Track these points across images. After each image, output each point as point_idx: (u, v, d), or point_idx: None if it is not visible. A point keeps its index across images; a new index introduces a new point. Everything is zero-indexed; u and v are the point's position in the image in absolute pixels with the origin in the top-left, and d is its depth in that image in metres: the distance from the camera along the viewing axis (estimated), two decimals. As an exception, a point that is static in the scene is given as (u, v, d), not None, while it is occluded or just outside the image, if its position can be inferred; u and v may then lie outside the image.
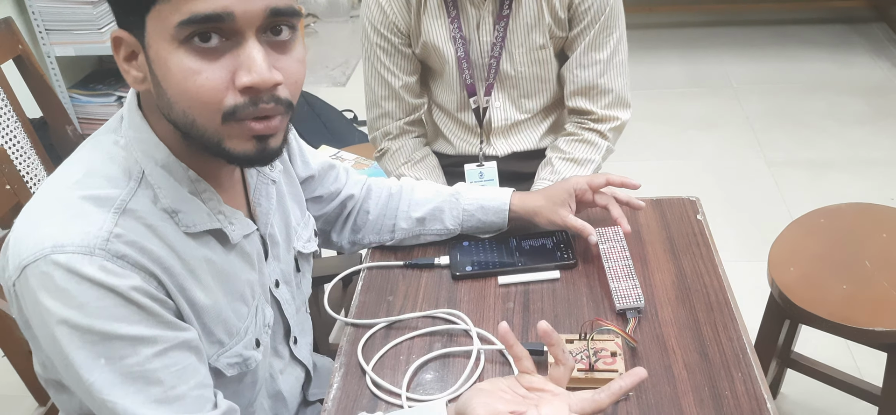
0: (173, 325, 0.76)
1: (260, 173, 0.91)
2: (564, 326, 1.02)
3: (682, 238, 1.17)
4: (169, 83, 0.70)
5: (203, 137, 0.72)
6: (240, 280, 0.86)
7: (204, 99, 0.69)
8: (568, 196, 1.16)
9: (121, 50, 0.73)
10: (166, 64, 0.69)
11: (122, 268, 0.71)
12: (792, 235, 1.59)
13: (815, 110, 3.12)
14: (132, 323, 0.72)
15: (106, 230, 0.72)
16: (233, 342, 0.85)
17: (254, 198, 0.91)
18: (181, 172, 0.78)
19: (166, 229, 0.77)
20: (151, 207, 0.76)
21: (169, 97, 0.71)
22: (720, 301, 1.04)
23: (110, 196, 0.74)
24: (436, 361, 0.98)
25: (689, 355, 0.96)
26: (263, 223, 0.91)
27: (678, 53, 3.68)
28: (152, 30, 0.69)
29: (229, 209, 0.83)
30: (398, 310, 1.07)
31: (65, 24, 2.63)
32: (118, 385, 0.72)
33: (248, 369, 0.87)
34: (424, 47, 1.44)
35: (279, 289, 0.96)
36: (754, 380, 0.92)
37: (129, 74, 0.74)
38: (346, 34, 4.15)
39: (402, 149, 1.52)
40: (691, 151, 2.90)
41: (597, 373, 0.91)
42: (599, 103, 1.46)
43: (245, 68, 0.69)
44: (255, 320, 0.89)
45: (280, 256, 0.96)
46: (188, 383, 0.76)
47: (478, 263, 1.13)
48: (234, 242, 0.84)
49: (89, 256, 0.70)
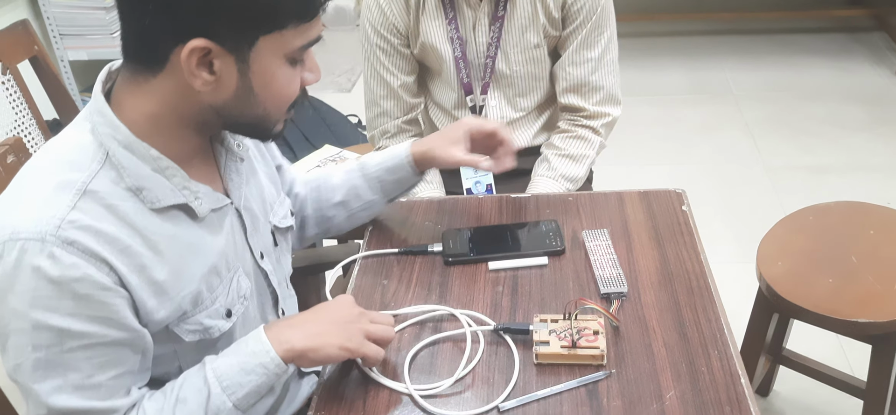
0: (110, 322, 0.81)
1: (228, 151, 0.97)
2: (551, 307, 1.07)
3: (667, 228, 1.21)
4: (269, 89, 0.84)
5: (263, 123, 0.88)
6: (211, 252, 0.91)
7: (290, 98, 0.88)
8: (463, 135, 1.20)
9: (193, 58, 0.78)
10: (273, 76, 0.84)
11: (69, 255, 0.77)
12: (781, 232, 1.62)
13: (814, 117, 3.16)
14: (65, 315, 0.78)
15: (60, 215, 0.78)
16: (196, 311, 0.90)
17: (225, 174, 0.97)
18: (143, 151, 0.84)
19: (128, 208, 0.83)
20: (113, 188, 0.82)
21: (257, 99, 0.84)
22: (701, 286, 1.08)
23: (71, 180, 0.80)
24: (432, 345, 1.03)
25: (668, 334, 1.00)
26: (236, 196, 0.97)
27: (680, 61, 3.73)
28: (265, 48, 0.81)
29: (195, 184, 0.89)
30: (392, 294, 1.12)
31: (78, 28, 2.71)
32: (39, 369, 0.79)
33: (209, 336, 0.92)
34: (422, 48, 1.49)
35: (264, 260, 1.02)
36: (730, 358, 0.96)
37: (199, 78, 0.80)
38: (351, 42, 4.19)
39: (400, 147, 1.57)
40: (691, 157, 2.95)
41: (579, 350, 0.96)
42: (591, 100, 1.51)
43: (310, 70, 0.89)
44: (227, 290, 0.94)
45: (259, 228, 1.02)
46: (108, 373, 0.83)
47: (468, 249, 1.18)
48: (201, 216, 0.89)
49: (40, 243, 0.76)
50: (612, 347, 0.99)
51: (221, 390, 0.87)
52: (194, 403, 0.86)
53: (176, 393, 0.87)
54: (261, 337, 0.90)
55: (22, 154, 1.19)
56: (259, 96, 0.84)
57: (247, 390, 0.88)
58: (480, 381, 0.96)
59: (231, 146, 0.98)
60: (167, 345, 0.90)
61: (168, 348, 0.90)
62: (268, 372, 0.89)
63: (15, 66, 1.78)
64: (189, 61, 0.78)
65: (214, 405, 0.86)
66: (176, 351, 0.91)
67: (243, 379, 0.88)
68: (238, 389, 0.87)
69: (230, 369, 0.88)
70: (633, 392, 0.92)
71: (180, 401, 0.86)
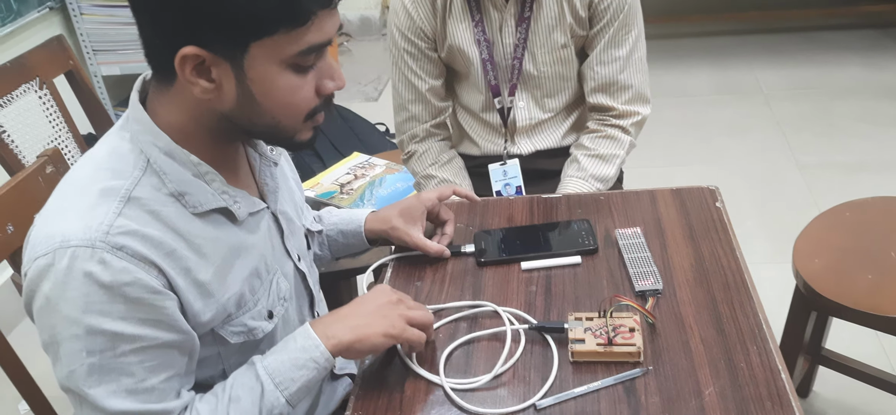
0: (160, 325, 0.82)
1: (262, 157, 0.99)
2: (585, 306, 1.06)
3: (701, 225, 1.20)
4: (270, 97, 0.82)
5: (278, 134, 0.86)
6: (252, 255, 0.93)
7: (301, 108, 0.84)
8: (420, 215, 1.20)
9: (187, 66, 0.78)
10: (272, 83, 0.81)
11: (120, 260, 0.78)
12: (817, 229, 1.60)
13: (847, 114, 3.11)
14: (117, 319, 0.79)
15: (107, 222, 0.79)
16: (240, 313, 0.92)
17: (260, 179, 0.98)
18: (184, 157, 0.85)
19: (171, 212, 0.84)
20: (156, 194, 0.83)
21: (261, 107, 0.82)
22: (737, 282, 1.07)
23: (115, 187, 0.81)
24: (468, 344, 1.02)
25: (705, 330, 0.99)
26: (272, 200, 0.98)
27: (708, 61, 3.70)
28: (259, 55, 0.78)
29: (234, 189, 0.90)
30: (426, 294, 1.12)
31: (111, 44, 2.76)
32: (94, 374, 0.80)
33: (254, 338, 0.94)
34: (450, 51, 1.50)
35: (301, 263, 1.04)
36: (769, 353, 0.94)
37: (198, 86, 0.80)
38: (378, 51, 4.25)
39: (429, 151, 1.58)
40: (722, 156, 2.91)
41: (615, 347, 0.95)
42: (620, 99, 1.50)
43: (329, 77, 0.86)
44: (268, 292, 0.95)
45: (295, 232, 1.03)
46: (159, 376, 0.83)
47: (501, 250, 1.18)
48: (240, 219, 0.91)
49: (90, 249, 0.77)
50: (649, 344, 0.98)
51: (274, 386, 0.88)
52: (248, 400, 0.87)
53: (228, 393, 0.88)
54: (309, 333, 0.91)
55: (60, 165, 1.22)
56: (262, 104, 0.82)
57: (299, 386, 0.89)
58: (516, 378, 0.96)
59: (264, 151, 0.99)
60: (212, 347, 0.91)
61: (213, 351, 0.92)
62: (318, 367, 0.90)
63: (51, 81, 1.82)
64: (183, 69, 0.79)
65: (268, 402, 0.87)
66: (220, 354, 0.93)
67: (296, 374, 0.89)
68: (290, 384, 0.89)
69: (281, 365, 0.89)
70: (671, 389, 0.91)
71: (233, 400, 0.87)
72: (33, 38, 1.84)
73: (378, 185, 1.86)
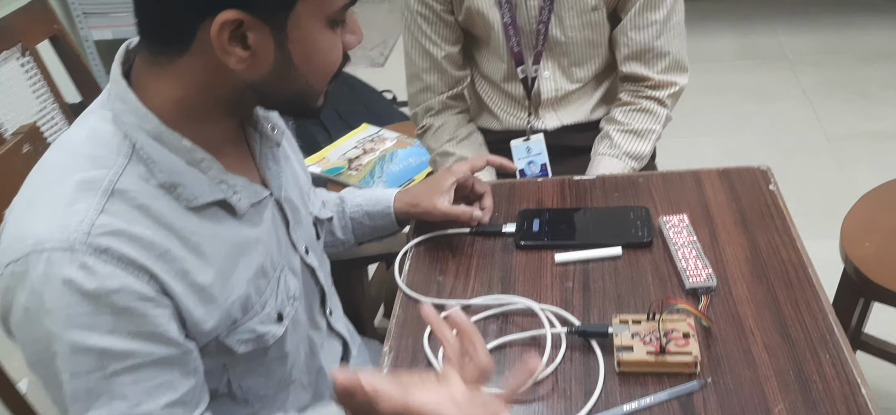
0: (155, 338, 0.71)
1: (263, 137, 0.87)
2: (628, 305, 0.94)
3: (754, 211, 1.08)
4: (309, 59, 0.74)
5: (303, 97, 0.78)
6: (257, 251, 0.81)
7: (334, 67, 0.78)
8: (448, 187, 1.08)
9: (223, 33, 0.68)
10: (314, 43, 0.74)
11: (104, 265, 0.67)
12: (864, 209, 1.48)
13: (875, 80, 2.96)
14: (105, 333, 0.68)
15: (88, 221, 0.67)
16: (246, 318, 0.80)
17: (261, 162, 0.86)
18: (176, 142, 0.73)
19: (162, 207, 0.72)
20: (143, 185, 0.72)
21: (297, 71, 0.74)
22: (801, 278, 0.95)
23: (96, 179, 0.70)
24: (506, 347, 0.91)
25: (769, 335, 0.87)
26: (276, 186, 0.87)
27: (729, 24, 3.54)
28: (306, 12, 0.71)
29: (232, 177, 0.78)
30: (450, 290, 1.00)
31: (102, 6, 2.62)
32: (80, 400, 0.69)
33: (264, 345, 0.83)
34: (468, 13, 1.36)
35: (309, 256, 0.92)
36: (845, 362, 0.83)
37: (232, 55, 0.70)
38: (383, 14, 4.09)
39: (446, 125, 1.45)
40: (746, 125, 2.78)
41: (669, 356, 0.83)
42: (656, 68, 1.37)
43: (352, 32, 0.78)
44: (275, 292, 0.84)
45: (302, 221, 0.92)
46: (158, 400, 0.72)
47: (544, 233, 1.07)
48: (241, 212, 0.79)
49: (69, 253, 0.66)
50: (705, 351, 0.86)
51: None
52: None
53: None
54: None
55: (39, 143, 1.10)
56: (299, 68, 0.74)
57: None
58: (556, 391, 0.84)
59: (266, 130, 0.87)
60: (216, 358, 0.80)
61: (217, 363, 0.81)
62: None
63: (35, 48, 1.69)
64: (221, 37, 0.68)
65: None
66: (225, 365, 0.82)
67: None
68: None
69: None
70: (735, 405, 0.80)
71: None
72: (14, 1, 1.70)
73: (389, 160, 1.74)
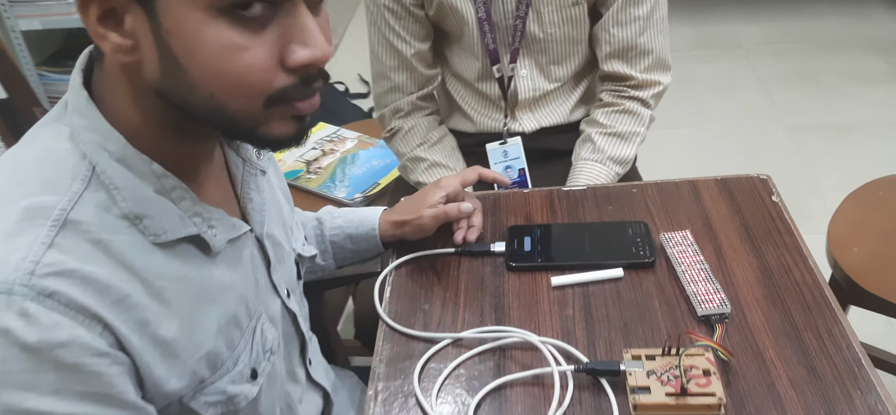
0: (107, 400, 0.59)
1: (246, 163, 0.75)
2: (636, 336, 0.86)
3: (759, 224, 1.00)
4: (197, 61, 0.56)
5: (231, 124, 0.60)
6: (229, 297, 0.69)
7: (250, 82, 0.57)
8: (437, 202, 0.99)
9: (91, 9, 0.55)
10: (197, 37, 0.55)
11: (49, 312, 0.55)
12: (850, 211, 1.43)
13: (833, 70, 2.97)
14: (46, 394, 0.56)
15: (32, 258, 0.55)
16: (215, 377, 0.69)
17: (242, 192, 0.74)
18: (143, 167, 0.62)
19: (123, 243, 0.60)
20: (103, 216, 0.60)
21: (192, 78, 0.57)
22: (818, 300, 0.88)
23: (45, 206, 0.58)
24: (506, 388, 0.81)
25: (792, 369, 0.80)
26: (258, 221, 0.75)
27: (685, 14, 3.51)
28: None
29: (208, 209, 0.67)
30: (437, 322, 0.90)
31: (29, -6, 2.41)
32: None
33: (234, 408, 0.71)
34: (439, 8, 1.25)
35: (290, 299, 0.81)
36: (879, 400, 0.76)
37: (107, 41, 0.57)
38: None
39: (416, 128, 1.35)
40: (706, 117, 2.75)
41: (691, 398, 0.75)
42: (638, 66, 1.29)
43: (300, 41, 0.57)
44: (250, 345, 0.72)
45: (284, 260, 0.80)
46: None
47: (537, 254, 0.97)
48: (216, 250, 0.67)
49: (6, 297, 0.54)
50: (725, 389, 0.78)
51: None
52: None
53: None
54: None
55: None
56: (189, 71, 0.57)
57: None
58: (565, 442, 0.75)
59: (249, 155, 0.75)
60: None
61: None
62: None
63: (-48, 42, 1.51)
64: (87, 14, 0.56)
65: None
66: None
67: None
68: None
69: None
70: (766, 453, 0.72)
71: None
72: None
73: (350, 162, 1.62)
